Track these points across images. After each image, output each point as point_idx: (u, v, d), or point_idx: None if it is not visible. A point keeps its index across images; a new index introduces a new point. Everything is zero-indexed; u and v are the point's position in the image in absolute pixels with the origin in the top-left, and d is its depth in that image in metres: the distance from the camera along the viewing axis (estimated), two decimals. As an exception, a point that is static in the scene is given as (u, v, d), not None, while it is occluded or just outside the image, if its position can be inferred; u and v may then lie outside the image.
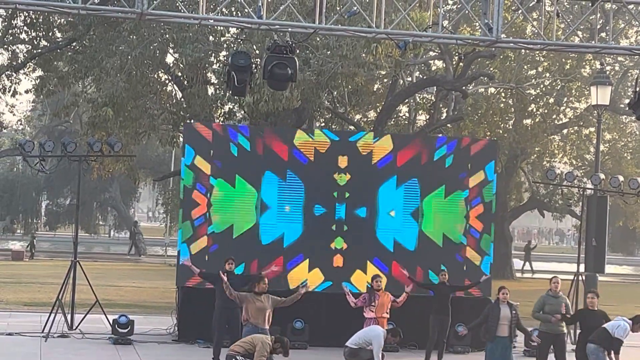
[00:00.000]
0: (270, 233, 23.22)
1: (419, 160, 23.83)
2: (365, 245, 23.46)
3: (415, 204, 23.70)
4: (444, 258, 23.31)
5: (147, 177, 59.64)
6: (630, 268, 70.18)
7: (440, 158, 23.89)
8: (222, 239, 22.97)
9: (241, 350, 16.60)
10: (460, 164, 23.85)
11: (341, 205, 23.47)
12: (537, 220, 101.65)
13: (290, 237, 23.28)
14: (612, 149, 52.54)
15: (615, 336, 16.57)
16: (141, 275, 43.33)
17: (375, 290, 19.80)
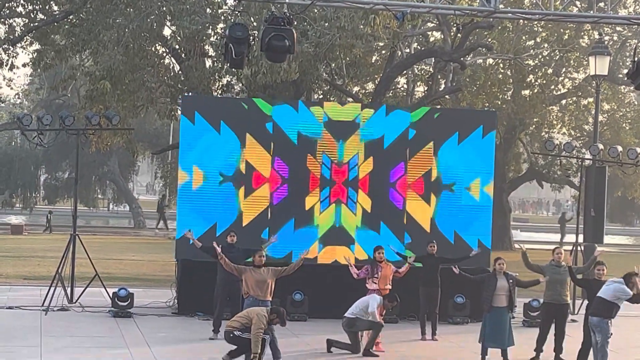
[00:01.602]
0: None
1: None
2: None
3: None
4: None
5: (146, 150, 59.53)
6: (628, 238, 70.28)
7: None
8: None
9: (238, 325, 16.67)
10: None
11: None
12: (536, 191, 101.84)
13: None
14: (611, 119, 52.50)
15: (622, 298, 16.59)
16: (140, 248, 43.37)
17: (377, 261, 19.84)
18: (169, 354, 17.85)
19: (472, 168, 24.11)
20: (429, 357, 18.79)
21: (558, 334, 19.11)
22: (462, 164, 24.09)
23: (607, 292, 16.73)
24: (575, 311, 24.47)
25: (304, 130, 23.46)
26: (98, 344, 18.82)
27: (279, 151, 23.35)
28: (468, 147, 24.12)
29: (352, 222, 23.53)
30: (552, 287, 19.07)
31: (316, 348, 19.19)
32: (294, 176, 23.39)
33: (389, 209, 23.71)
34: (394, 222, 23.63)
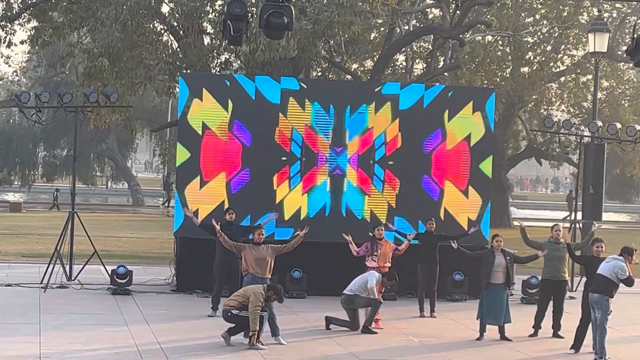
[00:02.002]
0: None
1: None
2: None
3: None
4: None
5: (144, 127, 59.47)
6: (627, 215, 70.32)
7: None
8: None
9: (235, 304, 16.71)
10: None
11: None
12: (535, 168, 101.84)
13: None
14: (610, 96, 52.46)
15: (620, 278, 16.60)
16: (139, 226, 43.40)
17: (377, 239, 19.83)
18: (167, 331, 17.88)
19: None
20: (427, 334, 18.82)
21: (556, 311, 19.16)
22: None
23: (606, 269, 16.74)
24: (574, 288, 24.51)
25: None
26: (97, 321, 18.84)
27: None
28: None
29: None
30: (551, 264, 19.11)
31: (315, 325, 19.22)
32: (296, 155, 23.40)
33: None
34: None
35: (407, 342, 18.08)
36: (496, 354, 17.12)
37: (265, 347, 16.59)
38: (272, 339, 17.11)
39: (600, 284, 16.74)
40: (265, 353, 16.20)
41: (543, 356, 17.13)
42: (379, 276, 19.05)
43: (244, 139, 23.14)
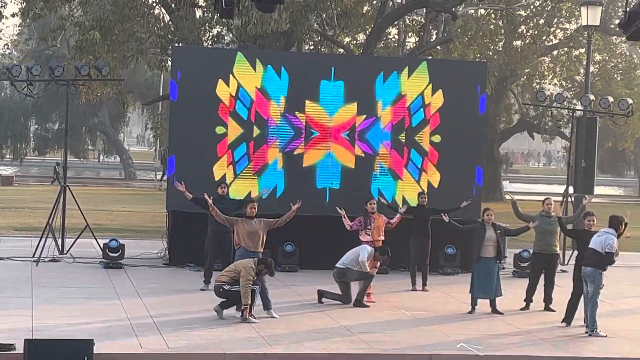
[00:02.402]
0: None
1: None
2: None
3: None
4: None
5: (136, 101, 59.36)
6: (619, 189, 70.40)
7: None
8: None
9: (227, 279, 16.73)
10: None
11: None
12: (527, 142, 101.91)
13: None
14: (602, 70, 52.47)
15: (606, 251, 16.64)
16: (131, 199, 43.40)
17: (370, 213, 19.83)
18: (159, 305, 17.89)
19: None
20: (419, 307, 18.86)
21: (548, 284, 19.21)
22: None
23: (598, 243, 16.77)
24: (565, 261, 24.57)
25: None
26: (89, 294, 18.85)
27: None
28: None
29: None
30: (542, 237, 19.14)
31: (307, 299, 19.25)
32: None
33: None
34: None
35: (399, 315, 18.12)
36: (488, 327, 17.16)
37: (257, 320, 16.62)
38: (264, 312, 17.13)
39: (593, 257, 16.77)
40: (258, 326, 16.23)
41: (534, 329, 17.17)
42: (371, 250, 19.07)
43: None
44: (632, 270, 25.23)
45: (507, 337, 16.52)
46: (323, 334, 15.92)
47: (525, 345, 15.93)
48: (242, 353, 14.39)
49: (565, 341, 16.33)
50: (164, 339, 14.98)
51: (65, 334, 14.75)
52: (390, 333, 16.29)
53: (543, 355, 15.24)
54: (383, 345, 15.28)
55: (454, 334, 16.41)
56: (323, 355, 14.56)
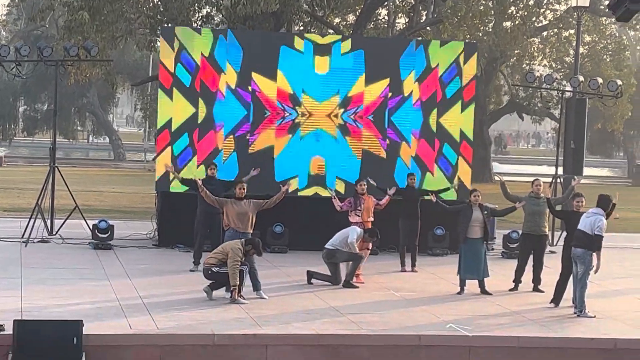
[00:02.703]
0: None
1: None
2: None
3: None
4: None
5: (125, 82, 59.21)
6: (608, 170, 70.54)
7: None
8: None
9: (215, 261, 16.75)
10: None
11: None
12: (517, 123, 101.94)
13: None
14: (592, 51, 52.47)
15: (595, 233, 16.68)
16: (120, 180, 43.36)
17: (359, 194, 19.83)
18: (149, 286, 17.89)
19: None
20: (408, 288, 18.90)
21: (536, 265, 19.26)
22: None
23: (587, 224, 16.79)
24: (554, 242, 24.63)
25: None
26: (78, 275, 18.83)
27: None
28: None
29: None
30: (531, 218, 19.17)
31: (296, 279, 19.28)
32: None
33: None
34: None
35: (388, 296, 18.16)
36: (476, 308, 17.21)
37: (247, 301, 16.64)
38: (253, 293, 17.16)
39: (582, 238, 16.80)
40: (247, 307, 16.25)
41: (523, 310, 17.23)
42: (360, 231, 19.09)
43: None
44: (621, 251, 25.30)
45: (495, 317, 16.57)
46: (312, 315, 15.95)
47: (513, 326, 15.98)
48: (231, 334, 14.41)
49: (554, 322, 16.38)
50: (153, 320, 15.00)
51: (55, 315, 14.76)
52: (379, 314, 16.33)
53: (532, 336, 15.30)
54: (372, 325, 15.32)
55: (442, 314, 16.46)
56: (312, 335, 14.59)
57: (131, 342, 14.00)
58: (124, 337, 14.05)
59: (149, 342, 14.05)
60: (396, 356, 14.62)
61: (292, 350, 14.38)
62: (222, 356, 14.15)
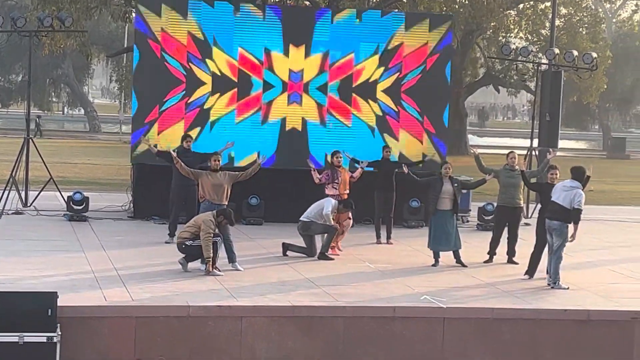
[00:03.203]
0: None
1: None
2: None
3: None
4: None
5: (100, 53, 58.91)
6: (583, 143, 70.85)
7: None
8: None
9: (188, 235, 16.73)
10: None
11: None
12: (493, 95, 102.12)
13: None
14: (568, 23, 52.60)
15: (574, 207, 16.73)
16: (96, 152, 43.22)
17: (336, 166, 19.84)
18: (124, 257, 17.87)
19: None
20: (383, 260, 18.94)
21: (511, 237, 19.32)
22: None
23: (566, 198, 16.82)
24: (528, 215, 24.73)
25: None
26: (53, 247, 18.78)
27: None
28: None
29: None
30: (506, 190, 19.22)
31: (272, 251, 19.29)
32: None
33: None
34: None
35: (363, 268, 18.19)
36: (451, 280, 17.27)
37: (222, 273, 16.63)
38: (229, 265, 17.16)
39: (559, 212, 16.85)
40: (223, 279, 16.25)
41: (497, 282, 17.30)
42: (335, 203, 19.10)
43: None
44: (594, 224, 25.44)
45: (470, 289, 16.63)
46: (287, 287, 15.97)
47: (488, 297, 16.04)
48: (207, 305, 14.41)
49: (528, 294, 16.46)
50: (128, 291, 14.98)
51: (29, 287, 14.72)
52: (354, 285, 16.37)
53: (506, 308, 15.36)
54: (347, 297, 15.35)
55: (417, 286, 16.51)
56: (287, 307, 14.61)
57: (106, 313, 13.98)
58: (99, 309, 14.04)
59: (123, 313, 14.04)
60: (371, 328, 14.67)
61: (267, 322, 14.40)
62: (197, 328, 14.16)
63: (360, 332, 14.65)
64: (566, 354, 15.15)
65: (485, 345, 14.97)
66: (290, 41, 23.25)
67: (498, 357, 14.99)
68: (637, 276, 18.72)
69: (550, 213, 17.09)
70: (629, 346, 15.32)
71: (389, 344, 14.69)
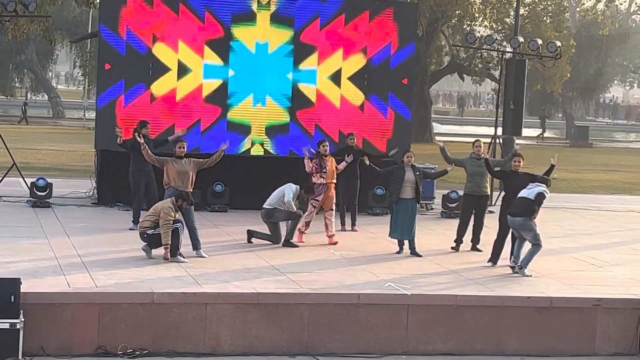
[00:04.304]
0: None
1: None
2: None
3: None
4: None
5: (64, 38, 58.50)
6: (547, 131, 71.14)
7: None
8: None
9: (149, 224, 16.71)
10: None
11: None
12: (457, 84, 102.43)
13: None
14: (532, 12, 52.81)
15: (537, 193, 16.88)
16: (59, 138, 42.97)
17: (323, 155, 19.61)
18: (88, 244, 17.79)
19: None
20: (348, 247, 18.98)
21: (476, 225, 19.39)
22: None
23: (528, 193, 16.97)
24: (493, 202, 24.85)
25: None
26: (16, 233, 18.67)
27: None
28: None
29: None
30: (472, 179, 19.28)
31: (237, 239, 19.27)
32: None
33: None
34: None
35: (328, 255, 18.22)
36: (415, 267, 17.33)
37: (186, 260, 16.61)
38: (193, 252, 17.13)
39: (521, 206, 16.97)
40: (187, 266, 16.23)
41: (461, 269, 17.38)
42: (296, 188, 18.99)
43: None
44: (557, 212, 25.61)
45: (434, 276, 16.71)
46: (252, 274, 15.98)
47: (452, 284, 16.12)
48: (171, 292, 14.39)
49: (491, 281, 16.55)
50: (92, 278, 14.93)
51: (-8, 273, 14.63)
52: (319, 273, 16.40)
53: (469, 294, 15.44)
54: (312, 284, 15.37)
55: (382, 273, 16.56)
56: (252, 294, 14.61)
57: (69, 300, 13.93)
58: (63, 295, 13.98)
59: (87, 300, 13.99)
60: (336, 315, 14.71)
61: (232, 309, 14.40)
62: (161, 314, 14.13)
63: (325, 319, 14.67)
64: (529, 340, 15.25)
65: (449, 331, 15.04)
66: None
67: (462, 343, 15.07)
68: (600, 264, 18.88)
69: (512, 208, 17.20)
70: (592, 332, 15.46)
71: (354, 330, 14.73)
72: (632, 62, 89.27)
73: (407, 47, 23.93)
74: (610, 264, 18.94)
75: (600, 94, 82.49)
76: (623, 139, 75.37)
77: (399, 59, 23.87)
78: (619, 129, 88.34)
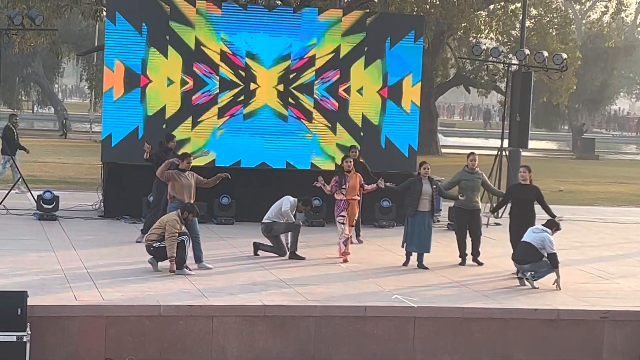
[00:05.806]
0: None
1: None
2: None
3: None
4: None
5: (71, 51, 58.62)
6: (553, 143, 71.22)
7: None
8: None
9: (155, 237, 16.72)
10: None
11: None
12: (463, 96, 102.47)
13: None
14: (538, 24, 52.80)
15: (549, 252, 16.89)
16: (66, 151, 43.01)
17: (345, 171, 19.12)
18: (94, 257, 17.81)
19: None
20: (354, 259, 18.95)
21: (473, 239, 19.19)
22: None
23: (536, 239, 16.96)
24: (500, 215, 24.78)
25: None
26: (23, 246, 18.69)
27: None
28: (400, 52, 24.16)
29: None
30: (463, 193, 19.03)
31: (243, 251, 19.27)
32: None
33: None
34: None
35: (335, 267, 18.21)
36: (421, 279, 17.31)
37: (193, 272, 16.62)
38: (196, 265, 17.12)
39: (526, 253, 16.95)
40: (193, 279, 16.23)
41: (468, 281, 17.37)
42: (294, 200, 18.91)
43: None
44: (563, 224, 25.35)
45: (440, 289, 16.69)
46: (259, 286, 15.97)
47: (458, 297, 16.10)
48: (177, 305, 14.39)
49: (498, 293, 16.53)
50: (98, 291, 14.94)
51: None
52: (325, 285, 16.39)
53: (476, 307, 15.43)
54: (318, 297, 15.37)
55: (388, 285, 16.55)
56: (258, 307, 14.61)
57: (76, 313, 13.93)
58: (69, 308, 13.99)
59: (94, 312, 14.01)
60: (342, 327, 14.70)
61: (239, 321, 14.40)
62: (168, 327, 14.13)
63: (331, 332, 14.67)
64: (536, 353, 15.23)
65: (456, 344, 15.03)
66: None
67: (468, 356, 15.05)
68: (607, 276, 18.85)
69: (518, 254, 17.19)
70: (599, 345, 15.43)
71: (360, 343, 14.72)
72: (637, 75, 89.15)
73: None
74: (617, 276, 18.91)
75: (606, 106, 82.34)
76: (630, 152, 75.33)
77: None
78: (625, 141, 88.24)
